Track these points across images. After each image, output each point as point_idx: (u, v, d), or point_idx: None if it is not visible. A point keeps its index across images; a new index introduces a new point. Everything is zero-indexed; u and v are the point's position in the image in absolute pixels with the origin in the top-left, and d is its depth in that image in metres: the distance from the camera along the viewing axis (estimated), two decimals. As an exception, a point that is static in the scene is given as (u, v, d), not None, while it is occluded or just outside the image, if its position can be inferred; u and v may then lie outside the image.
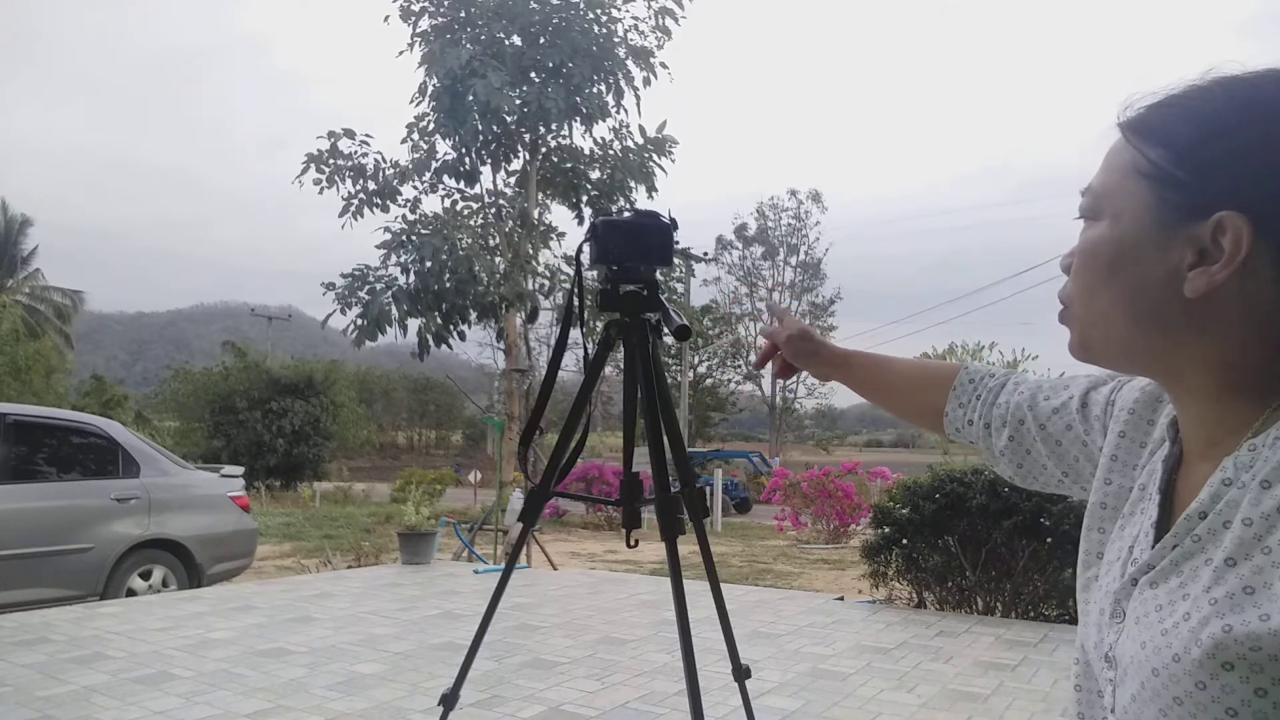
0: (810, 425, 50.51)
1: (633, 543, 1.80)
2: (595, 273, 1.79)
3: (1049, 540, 4.67)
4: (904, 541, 5.04)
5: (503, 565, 6.59)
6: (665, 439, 1.70)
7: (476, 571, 6.25)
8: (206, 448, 29.03)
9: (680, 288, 25.59)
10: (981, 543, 4.82)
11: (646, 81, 7.90)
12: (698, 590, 2.53)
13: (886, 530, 5.13)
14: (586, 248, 1.72)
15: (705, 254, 31.50)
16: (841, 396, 56.69)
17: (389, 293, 6.63)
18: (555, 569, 6.79)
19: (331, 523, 19.52)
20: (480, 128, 7.78)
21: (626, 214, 1.79)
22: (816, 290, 45.54)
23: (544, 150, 8.35)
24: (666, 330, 1.68)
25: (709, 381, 41.45)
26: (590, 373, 1.70)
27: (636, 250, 1.74)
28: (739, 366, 44.80)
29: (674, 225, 1.79)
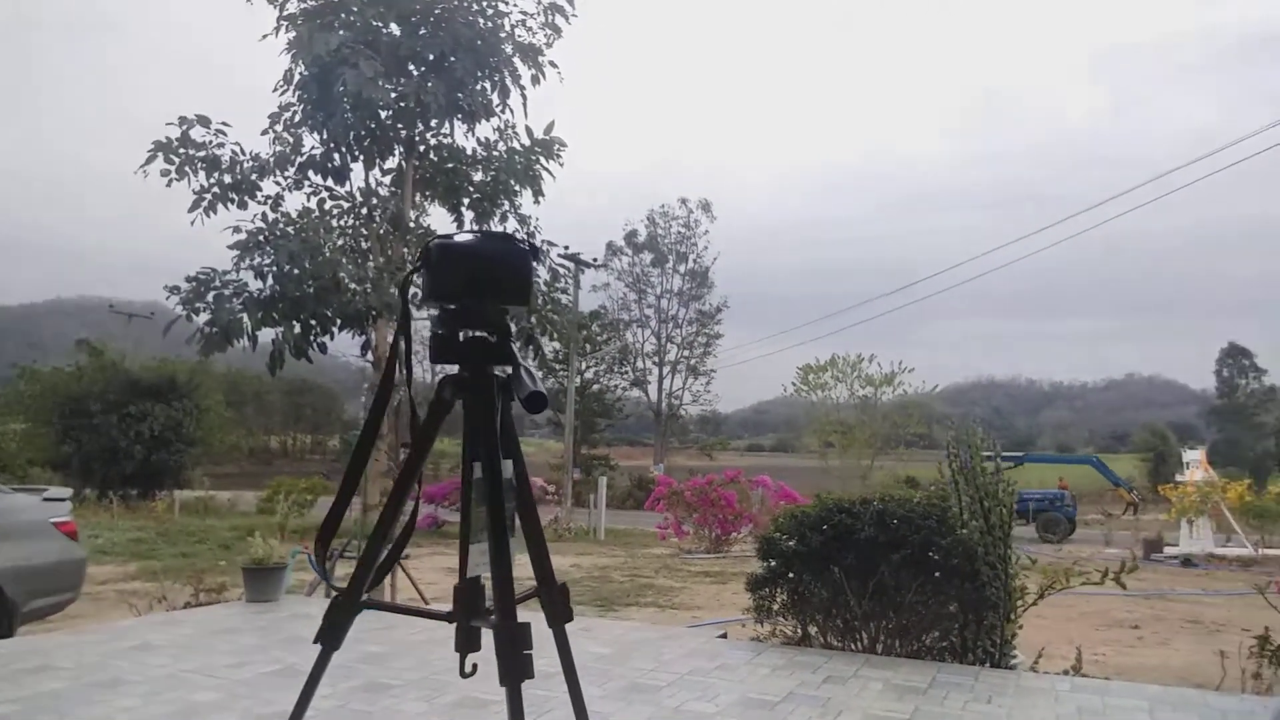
0: (695, 430, 50.99)
1: (468, 670, 1.42)
2: (429, 312, 1.39)
3: (937, 574, 4.53)
4: (790, 575, 4.83)
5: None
6: (516, 534, 1.32)
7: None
8: (55, 454, 26.91)
9: (565, 299, 25.20)
10: (869, 575, 4.64)
11: (535, 80, 7.49)
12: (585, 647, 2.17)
13: (773, 563, 4.90)
14: (417, 279, 1.32)
15: (595, 260, 31.22)
16: (726, 402, 57.43)
17: (238, 299, 6.00)
18: (426, 603, 6.29)
19: (188, 538, 18.16)
20: (352, 121, 7.19)
21: (467, 237, 1.38)
22: (704, 298, 46.01)
23: (422, 148, 7.82)
24: (516, 397, 1.31)
25: (595, 388, 41.18)
26: (418, 443, 1.32)
27: (483, 284, 1.33)
28: (626, 373, 44.73)
29: (533, 253, 1.42)
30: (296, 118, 7.23)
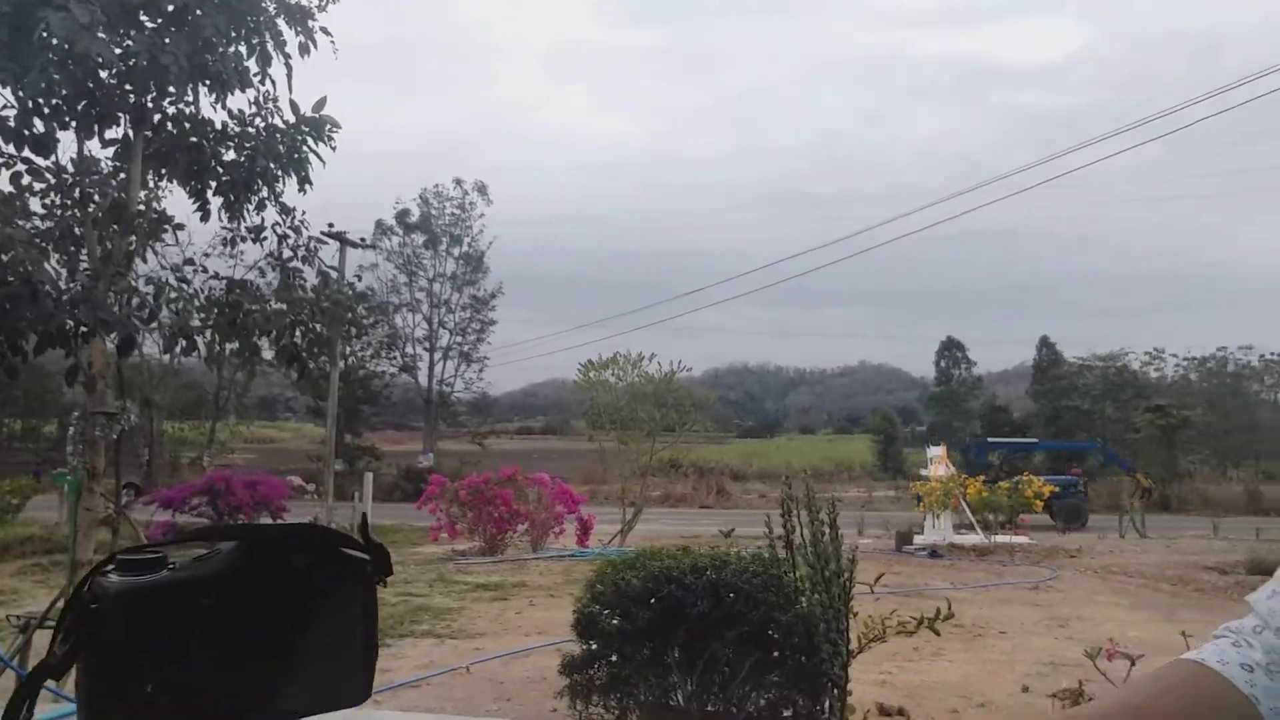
0: (465, 415, 49.52)
1: None
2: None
3: (775, 653, 4.11)
4: (613, 658, 4.23)
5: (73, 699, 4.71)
6: None
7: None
8: None
9: (333, 274, 23.21)
10: (700, 653, 4.14)
11: (304, 50, 6.31)
12: None
13: (594, 646, 4.28)
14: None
15: (362, 239, 29.11)
16: (497, 385, 56.33)
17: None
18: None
19: None
20: (59, 78, 5.69)
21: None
22: (479, 283, 44.61)
23: (158, 118, 6.39)
24: None
25: (361, 373, 38.75)
26: None
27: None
28: (394, 358, 42.52)
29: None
30: (-21, 69, 5.61)
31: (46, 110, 5.84)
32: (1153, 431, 33.97)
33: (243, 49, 6.32)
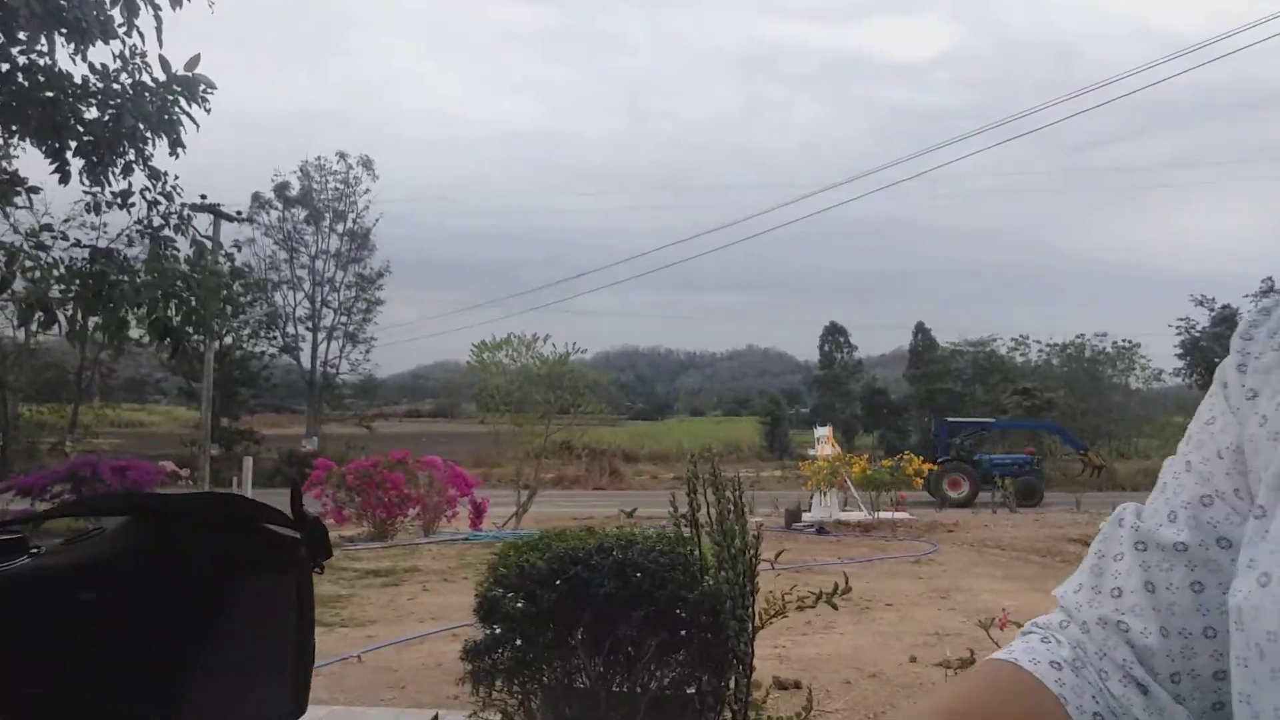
0: (351, 398, 47.95)
1: None
2: None
3: (683, 631, 4.07)
4: (518, 642, 4.10)
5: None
6: None
7: None
8: None
9: (209, 244, 21.97)
10: (606, 634, 4.06)
11: (175, 2, 5.85)
12: None
13: (497, 630, 4.14)
14: None
15: (239, 212, 27.66)
16: (385, 367, 54.82)
17: None
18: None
19: None
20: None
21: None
22: (365, 261, 43.14)
23: (6, 67, 5.83)
24: None
25: (239, 353, 36.97)
26: None
27: None
28: (274, 338, 40.74)
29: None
30: None
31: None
32: (1019, 413, 36.00)
33: (106, -4, 5.81)
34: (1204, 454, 0.63)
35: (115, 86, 6.28)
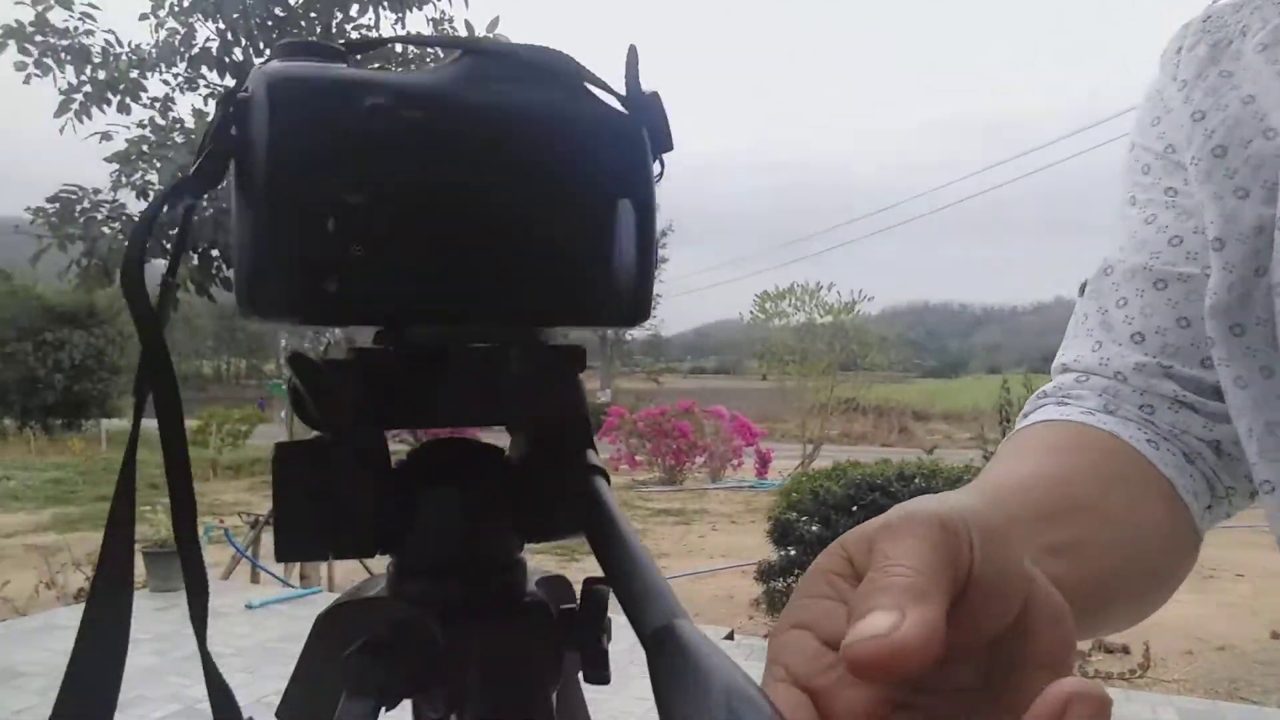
0: (639, 355, 50.34)
1: None
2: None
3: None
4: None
5: (293, 591, 5.03)
6: None
7: (250, 606, 4.66)
8: (-34, 386, 25.40)
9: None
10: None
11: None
12: None
13: (791, 551, 4.06)
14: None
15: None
16: (669, 325, 56.86)
17: (115, 223, 4.81)
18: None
19: (113, 477, 16.74)
20: (252, 4, 5.89)
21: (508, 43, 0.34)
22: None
23: (341, 42, 6.49)
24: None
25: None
26: None
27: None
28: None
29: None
30: (186, 1, 5.90)
31: (243, 39, 6.10)
32: None
33: (422, -36, 6.35)
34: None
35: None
